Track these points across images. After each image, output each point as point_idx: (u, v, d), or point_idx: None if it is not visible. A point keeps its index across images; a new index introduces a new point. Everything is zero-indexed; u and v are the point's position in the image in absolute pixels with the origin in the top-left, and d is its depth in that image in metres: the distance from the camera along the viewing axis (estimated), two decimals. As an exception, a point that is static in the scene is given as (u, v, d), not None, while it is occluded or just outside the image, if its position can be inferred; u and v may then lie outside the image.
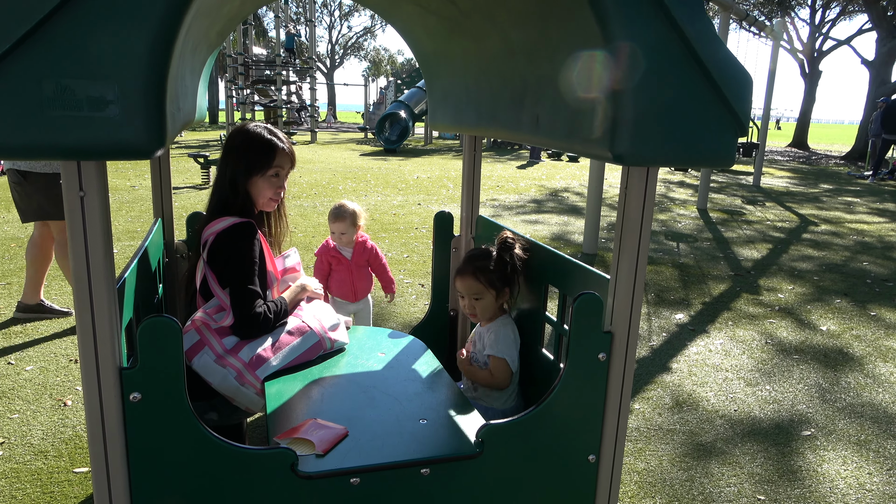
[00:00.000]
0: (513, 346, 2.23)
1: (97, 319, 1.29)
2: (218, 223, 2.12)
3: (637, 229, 1.53)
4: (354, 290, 3.38)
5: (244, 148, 2.17)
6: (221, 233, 2.10)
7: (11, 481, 2.52)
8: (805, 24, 27.54)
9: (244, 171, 2.17)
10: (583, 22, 1.30)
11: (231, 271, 2.09)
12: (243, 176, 2.17)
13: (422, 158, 16.81)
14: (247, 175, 2.17)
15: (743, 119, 1.34)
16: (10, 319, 4.17)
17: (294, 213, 8.19)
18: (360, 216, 3.30)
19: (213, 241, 2.11)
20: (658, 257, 6.62)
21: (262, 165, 2.17)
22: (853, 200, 11.92)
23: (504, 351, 2.20)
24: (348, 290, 3.37)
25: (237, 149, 2.18)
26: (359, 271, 3.37)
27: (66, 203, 1.23)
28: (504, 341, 2.21)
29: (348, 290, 3.37)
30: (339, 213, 3.25)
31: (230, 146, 2.20)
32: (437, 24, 2.11)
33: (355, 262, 3.34)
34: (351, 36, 57.61)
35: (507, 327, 2.25)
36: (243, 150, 2.17)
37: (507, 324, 2.26)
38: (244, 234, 2.11)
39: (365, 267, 3.40)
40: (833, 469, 2.85)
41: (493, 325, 2.25)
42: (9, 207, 7.85)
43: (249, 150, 2.17)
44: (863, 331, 4.65)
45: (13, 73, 1.04)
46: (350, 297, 3.38)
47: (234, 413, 2.15)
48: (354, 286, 3.37)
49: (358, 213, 3.29)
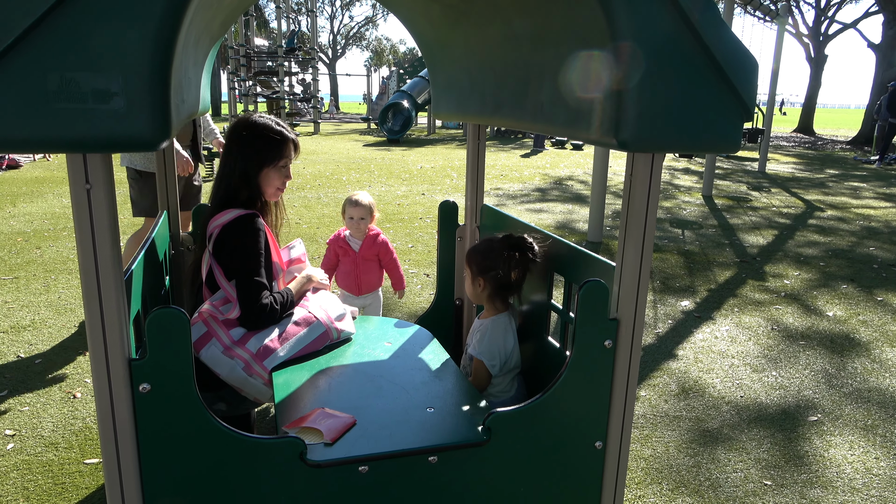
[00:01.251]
0: (498, 348, 2.15)
1: (105, 311, 1.29)
2: (223, 215, 2.13)
3: (642, 216, 1.52)
4: (359, 284, 3.34)
5: (254, 139, 2.17)
6: (227, 225, 2.10)
7: (23, 473, 2.54)
8: (811, 7, 27.26)
9: (257, 162, 2.17)
10: (587, 8, 1.29)
11: (237, 263, 2.10)
12: (256, 167, 2.17)
13: (425, 148, 16.78)
14: (259, 166, 2.18)
15: (749, 104, 1.33)
16: (19, 313, 4.20)
17: (298, 205, 8.20)
18: (375, 208, 3.30)
19: (219, 233, 2.11)
20: (663, 244, 6.61)
21: (273, 156, 2.18)
22: (859, 185, 11.86)
23: (484, 353, 2.14)
24: (353, 283, 3.34)
25: (247, 140, 2.17)
26: (365, 265, 3.33)
27: (73, 195, 1.24)
28: (489, 342, 2.15)
29: (353, 282, 3.34)
30: (359, 199, 3.24)
31: (237, 138, 2.19)
32: (440, 13, 2.10)
33: (362, 255, 3.31)
34: (353, 26, 57.38)
35: (497, 328, 2.17)
36: (254, 142, 2.17)
37: (499, 324, 2.18)
38: (250, 226, 2.11)
39: (373, 261, 3.35)
40: (840, 454, 2.85)
41: (486, 323, 2.20)
42: (14, 202, 7.88)
43: (260, 141, 2.17)
44: (869, 316, 4.63)
45: (18, 65, 1.04)
46: (354, 291, 3.35)
47: (243, 403, 2.17)
48: (359, 279, 3.33)
49: (374, 205, 3.29)
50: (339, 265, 3.38)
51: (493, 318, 2.21)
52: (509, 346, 2.18)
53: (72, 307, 4.33)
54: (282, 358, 2.09)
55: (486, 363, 2.15)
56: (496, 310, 2.23)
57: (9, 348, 3.66)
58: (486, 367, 2.15)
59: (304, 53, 23.11)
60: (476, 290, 2.22)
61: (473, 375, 2.19)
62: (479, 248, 2.22)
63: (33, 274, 5.03)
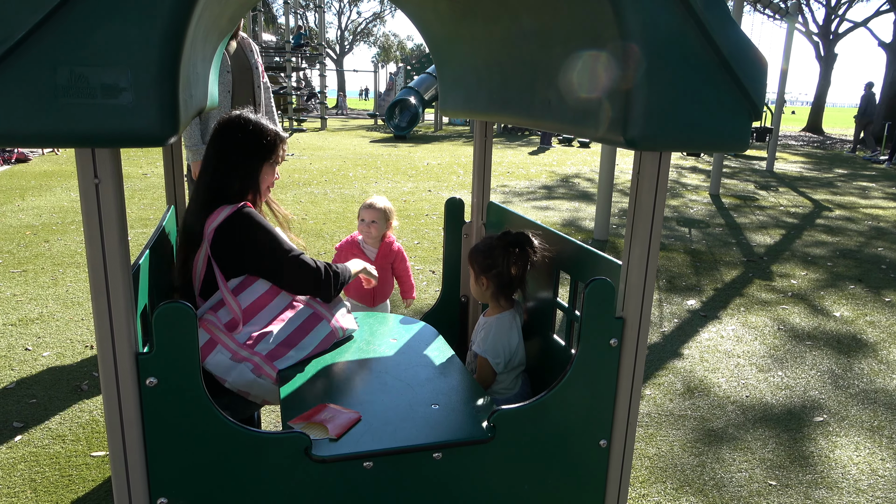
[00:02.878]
0: (503, 346, 2.15)
1: (113, 305, 1.30)
2: (217, 215, 2.07)
3: (649, 215, 1.52)
4: (374, 294, 3.17)
5: (252, 136, 2.15)
6: (225, 223, 2.06)
7: (31, 464, 2.56)
8: (821, 5, 27.09)
9: (257, 159, 2.16)
10: (596, 5, 1.28)
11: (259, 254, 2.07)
12: (258, 163, 2.17)
13: (432, 145, 16.77)
14: (260, 162, 2.17)
15: (757, 103, 1.32)
16: (28, 306, 4.22)
17: (305, 200, 8.21)
18: (392, 214, 3.15)
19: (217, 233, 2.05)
20: (670, 243, 6.59)
21: (269, 152, 2.18)
22: (868, 185, 11.79)
23: (488, 350, 2.14)
24: (367, 294, 3.15)
25: (242, 138, 2.14)
26: (380, 273, 3.10)
27: (81, 190, 1.24)
28: (493, 340, 2.15)
29: (367, 293, 3.15)
30: (373, 203, 3.11)
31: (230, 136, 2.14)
32: (448, 9, 2.09)
33: (378, 264, 3.09)
34: (360, 21, 57.35)
35: (502, 326, 2.17)
36: (251, 139, 2.15)
37: (503, 322, 2.18)
38: (251, 216, 2.09)
39: (387, 269, 3.20)
40: (845, 455, 2.84)
41: (490, 321, 2.20)
42: (23, 196, 7.93)
43: (257, 138, 2.16)
44: (877, 317, 4.61)
45: (28, 60, 1.05)
46: (368, 302, 3.19)
47: (247, 408, 2.16)
48: (374, 290, 3.13)
49: (390, 211, 3.14)
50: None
51: (498, 316, 2.21)
52: (514, 344, 2.18)
53: (79, 300, 4.35)
54: (293, 359, 2.08)
55: (490, 361, 2.15)
56: (501, 308, 2.23)
57: (17, 341, 3.68)
58: (491, 365, 2.15)
59: (312, 49, 23.13)
60: (480, 289, 2.23)
61: (478, 373, 2.19)
62: (480, 247, 2.23)
63: (41, 267, 5.06)
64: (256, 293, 2.10)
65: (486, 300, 2.26)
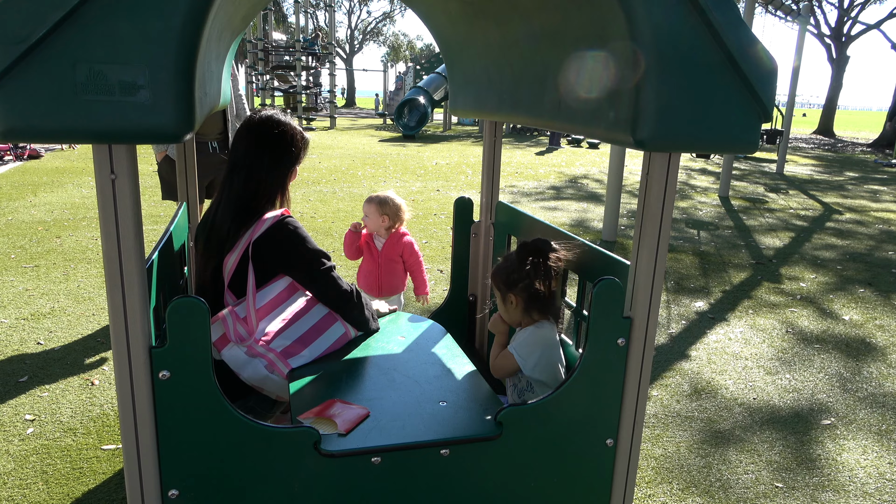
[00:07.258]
0: (533, 349, 2.06)
1: (128, 299, 1.32)
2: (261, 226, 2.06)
3: (658, 216, 1.53)
4: (379, 285, 3.21)
5: (286, 139, 2.14)
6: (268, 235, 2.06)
7: (42, 457, 2.60)
8: (833, 7, 26.92)
9: (290, 161, 2.16)
10: (606, 7, 1.29)
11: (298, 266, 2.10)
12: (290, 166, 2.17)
13: (440, 144, 16.78)
14: (292, 165, 2.18)
15: (767, 105, 1.33)
16: (39, 301, 4.27)
17: (314, 199, 8.24)
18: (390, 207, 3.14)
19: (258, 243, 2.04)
20: (678, 245, 6.57)
21: (299, 155, 2.20)
22: (879, 189, 11.71)
23: (518, 348, 2.06)
24: (373, 283, 3.21)
25: (276, 140, 2.12)
26: (387, 265, 3.20)
27: (98, 186, 1.26)
28: (526, 342, 2.06)
29: (373, 283, 3.21)
30: (370, 196, 3.16)
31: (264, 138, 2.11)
32: (459, 9, 2.10)
33: (385, 255, 3.17)
34: (370, 21, 57.44)
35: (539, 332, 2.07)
36: (285, 142, 2.14)
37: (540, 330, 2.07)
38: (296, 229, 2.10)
39: (396, 262, 3.22)
40: (853, 458, 2.83)
41: (529, 328, 2.09)
42: (35, 192, 8.00)
43: (292, 140, 2.15)
44: (886, 320, 4.59)
45: (48, 58, 1.07)
46: (374, 292, 3.23)
47: (271, 409, 2.19)
48: (380, 280, 3.19)
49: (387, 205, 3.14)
50: (362, 263, 3.29)
51: (537, 324, 2.08)
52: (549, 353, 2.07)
53: (90, 296, 4.39)
54: (306, 358, 2.10)
55: (515, 356, 2.04)
56: (534, 321, 2.09)
57: (29, 335, 3.72)
58: (516, 360, 2.04)
59: (323, 49, 23.19)
60: (510, 310, 2.08)
61: (499, 358, 2.09)
62: (501, 266, 2.11)
63: (53, 263, 5.11)
64: (275, 290, 2.12)
65: (520, 320, 2.11)
